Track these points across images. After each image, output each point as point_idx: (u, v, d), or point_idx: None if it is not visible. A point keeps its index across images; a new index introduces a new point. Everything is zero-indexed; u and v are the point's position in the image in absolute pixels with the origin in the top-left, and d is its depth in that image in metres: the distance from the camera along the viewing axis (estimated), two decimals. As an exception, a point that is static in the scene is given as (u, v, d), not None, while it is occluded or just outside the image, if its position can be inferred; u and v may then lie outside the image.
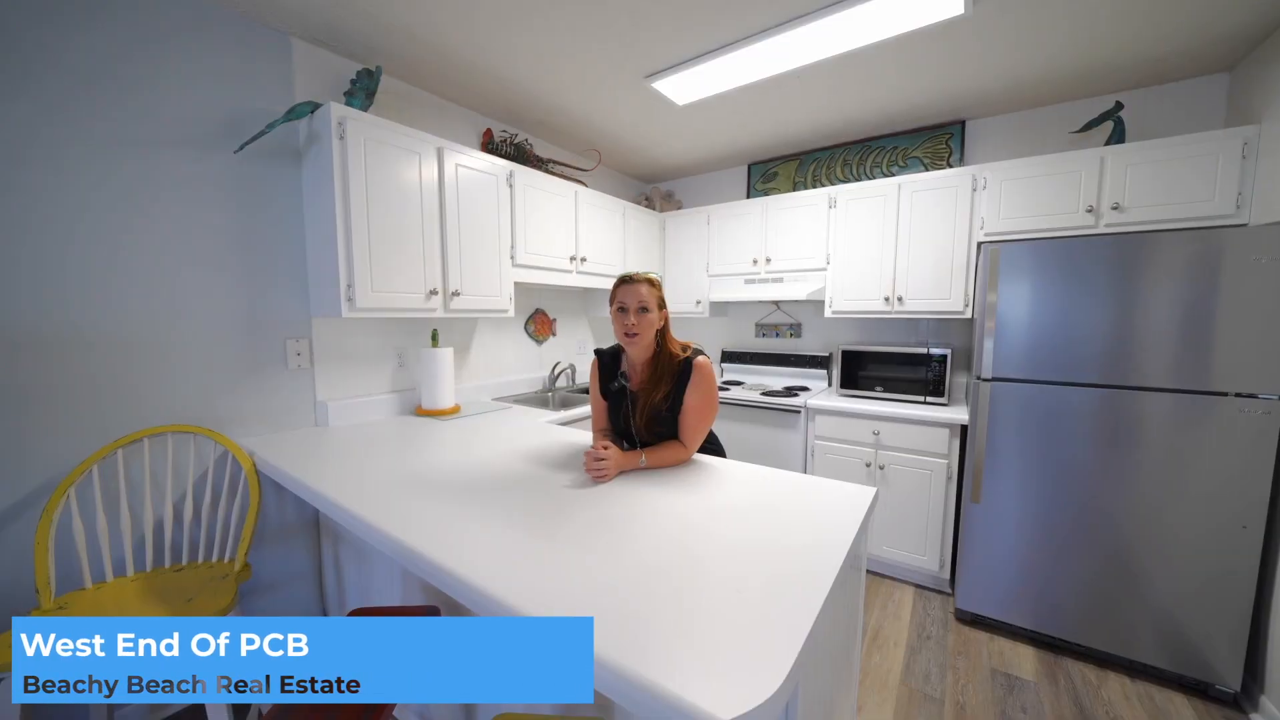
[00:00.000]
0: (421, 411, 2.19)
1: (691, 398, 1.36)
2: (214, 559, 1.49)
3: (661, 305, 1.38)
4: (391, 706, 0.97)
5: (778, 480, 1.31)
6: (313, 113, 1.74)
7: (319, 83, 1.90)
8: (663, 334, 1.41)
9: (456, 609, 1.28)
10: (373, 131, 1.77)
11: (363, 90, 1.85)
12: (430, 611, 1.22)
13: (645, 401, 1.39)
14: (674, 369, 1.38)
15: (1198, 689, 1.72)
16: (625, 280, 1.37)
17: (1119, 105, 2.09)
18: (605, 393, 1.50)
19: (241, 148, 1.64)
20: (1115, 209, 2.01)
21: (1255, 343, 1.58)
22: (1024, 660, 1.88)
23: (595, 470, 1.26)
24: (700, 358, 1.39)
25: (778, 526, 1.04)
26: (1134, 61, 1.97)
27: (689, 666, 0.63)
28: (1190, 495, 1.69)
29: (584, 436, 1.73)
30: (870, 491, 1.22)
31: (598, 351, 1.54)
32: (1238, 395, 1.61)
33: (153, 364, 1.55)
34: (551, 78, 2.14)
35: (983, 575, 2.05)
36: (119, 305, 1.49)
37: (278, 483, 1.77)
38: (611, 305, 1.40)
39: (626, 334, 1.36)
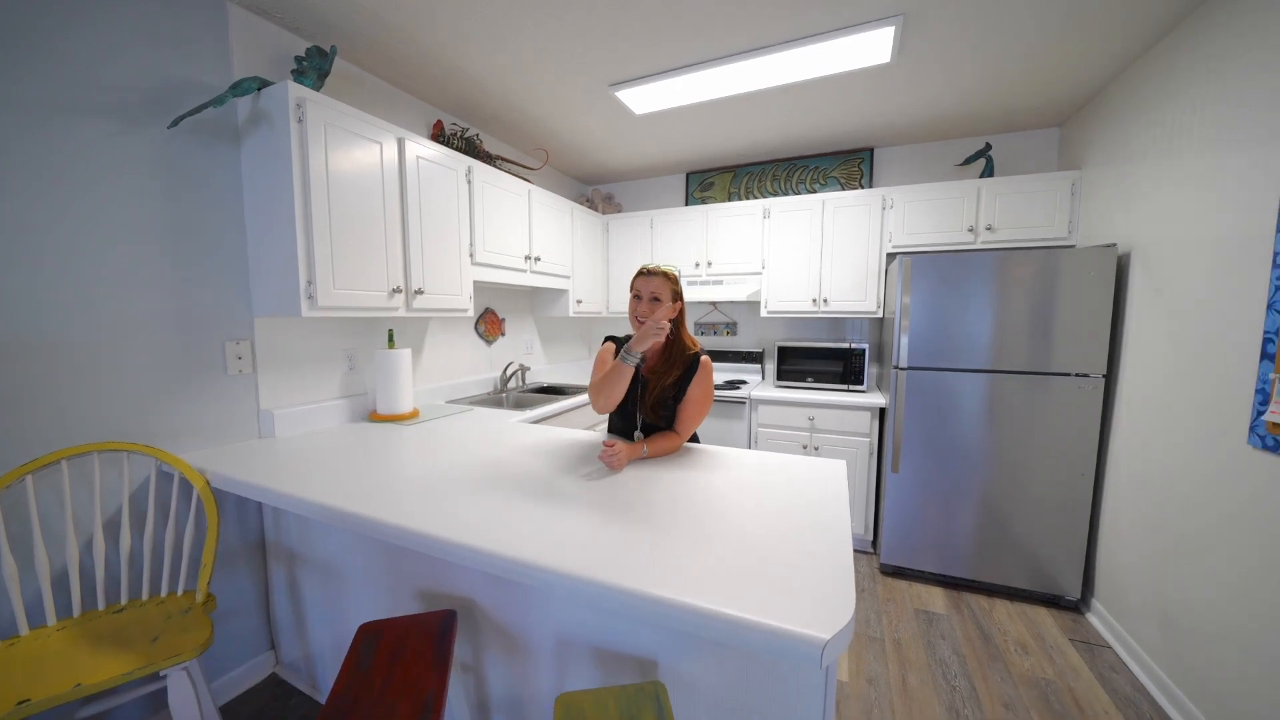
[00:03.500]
0: (376, 417, 2.06)
1: (695, 390, 1.48)
2: (162, 593, 1.30)
3: (676, 298, 1.48)
4: (443, 706, 0.96)
5: (762, 460, 1.49)
6: (259, 90, 1.57)
7: (259, 57, 1.71)
8: (677, 324, 1.51)
9: (472, 610, 1.27)
10: (333, 116, 1.64)
11: (314, 70, 1.71)
12: (448, 616, 1.20)
13: (656, 384, 1.49)
14: (684, 359, 1.49)
15: (1053, 602, 2.23)
16: (644, 272, 1.47)
17: (988, 145, 2.61)
18: None
19: (176, 122, 1.44)
20: (989, 229, 2.51)
21: (1086, 336, 2.10)
22: (936, 599, 2.28)
23: (610, 460, 1.34)
24: (705, 356, 1.52)
25: (784, 494, 1.21)
26: (996, 111, 2.48)
27: (774, 604, 0.75)
28: (1044, 452, 2.19)
29: (574, 435, 1.77)
30: (841, 464, 1.44)
31: (611, 337, 1.62)
32: (1076, 375, 2.12)
33: (67, 372, 1.30)
34: (516, 76, 2.13)
35: (900, 533, 2.44)
36: (21, 301, 1.24)
37: (219, 504, 1.59)
38: (631, 293, 1.50)
39: (639, 320, 1.45)
